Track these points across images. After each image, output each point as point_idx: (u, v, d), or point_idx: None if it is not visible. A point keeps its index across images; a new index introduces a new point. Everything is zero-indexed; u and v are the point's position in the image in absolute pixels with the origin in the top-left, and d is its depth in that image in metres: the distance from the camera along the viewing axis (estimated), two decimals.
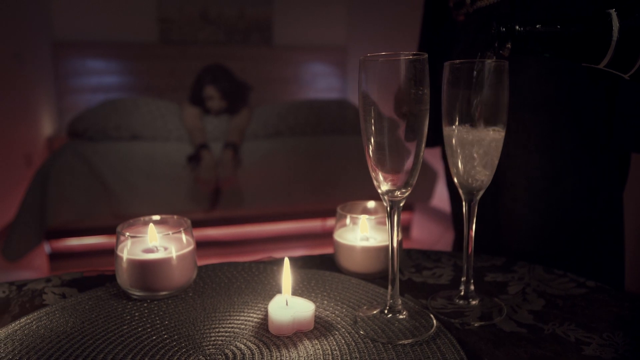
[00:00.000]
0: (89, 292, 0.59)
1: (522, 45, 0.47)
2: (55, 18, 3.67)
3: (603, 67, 0.48)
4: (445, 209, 2.80)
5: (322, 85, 4.38)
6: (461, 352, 0.45)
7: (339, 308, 0.55)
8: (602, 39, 0.46)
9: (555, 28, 0.46)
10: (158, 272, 0.56)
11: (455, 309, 0.54)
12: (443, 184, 2.90)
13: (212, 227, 2.51)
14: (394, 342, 0.47)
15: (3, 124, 2.80)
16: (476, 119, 0.49)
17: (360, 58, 0.46)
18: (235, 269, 0.66)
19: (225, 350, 0.46)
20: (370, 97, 0.46)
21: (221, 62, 2.91)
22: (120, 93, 3.80)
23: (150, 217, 0.61)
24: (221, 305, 0.55)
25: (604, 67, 0.48)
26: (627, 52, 0.46)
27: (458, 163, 0.51)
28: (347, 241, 0.64)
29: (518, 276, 0.64)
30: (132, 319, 0.53)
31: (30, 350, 0.46)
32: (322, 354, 0.45)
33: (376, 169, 0.47)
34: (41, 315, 0.53)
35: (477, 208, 0.85)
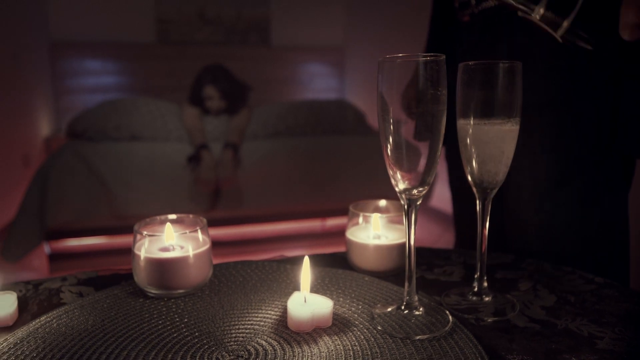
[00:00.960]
0: (105, 291, 0.60)
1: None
2: (53, 18, 3.65)
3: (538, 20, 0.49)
4: (444, 209, 2.81)
5: (320, 85, 4.39)
6: (478, 346, 0.46)
7: (355, 305, 0.56)
8: None
9: None
10: (175, 271, 0.57)
11: (469, 305, 0.55)
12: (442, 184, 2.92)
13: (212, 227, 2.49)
14: (411, 338, 0.48)
15: (1, 124, 2.79)
16: (491, 117, 0.50)
17: (379, 60, 0.47)
18: (249, 267, 0.67)
19: (247, 346, 0.47)
20: (388, 98, 0.47)
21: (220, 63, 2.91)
22: (118, 93, 3.79)
23: (166, 216, 0.62)
24: (239, 303, 0.56)
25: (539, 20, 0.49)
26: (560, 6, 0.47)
27: (473, 161, 0.52)
28: (360, 239, 0.65)
29: (527, 273, 0.65)
30: (152, 316, 0.53)
31: (54, 348, 0.47)
32: (342, 349, 0.46)
33: (394, 168, 0.48)
34: (60, 314, 0.54)
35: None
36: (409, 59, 0.46)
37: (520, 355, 0.45)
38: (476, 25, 0.88)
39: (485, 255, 0.56)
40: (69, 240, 2.30)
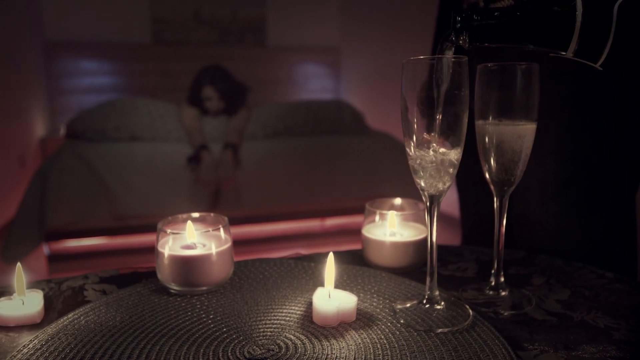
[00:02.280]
0: (128, 289, 0.60)
1: (480, 36, 0.45)
2: (47, 18, 3.63)
3: (572, 56, 0.45)
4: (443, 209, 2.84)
5: (315, 86, 4.40)
6: (500, 337, 0.48)
7: (376, 300, 0.57)
8: (566, 23, 0.43)
9: (515, 16, 0.44)
10: (199, 268, 0.58)
11: (487, 299, 0.57)
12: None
13: None
14: (434, 331, 0.49)
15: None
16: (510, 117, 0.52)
17: (403, 61, 0.49)
18: (268, 264, 0.68)
19: (277, 340, 0.48)
20: (410, 98, 0.48)
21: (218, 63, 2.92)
22: (113, 94, 3.77)
23: (189, 214, 0.63)
24: (262, 299, 0.57)
25: (574, 56, 0.45)
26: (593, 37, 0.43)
27: (491, 160, 0.54)
28: (377, 237, 0.66)
29: (540, 269, 0.67)
30: (178, 313, 0.54)
31: (86, 344, 0.48)
32: (369, 342, 0.47)
33: (418, 169, 0.50)
34: (87, 311, 0.55)
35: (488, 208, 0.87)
36: (432, 60, 0.47)
37: (541, 345, 0.47)
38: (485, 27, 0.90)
39: (502, 251, 0.57)
40: (69, 241, 2.29)
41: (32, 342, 0.48)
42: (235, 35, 4.17)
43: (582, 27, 0.43)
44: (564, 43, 0.44)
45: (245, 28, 4.19)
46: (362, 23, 4.11)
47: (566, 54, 0.44)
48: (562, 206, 0.76)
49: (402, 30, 3.53)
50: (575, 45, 0.44)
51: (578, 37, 0.43)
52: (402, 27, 3.53)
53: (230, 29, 4.16)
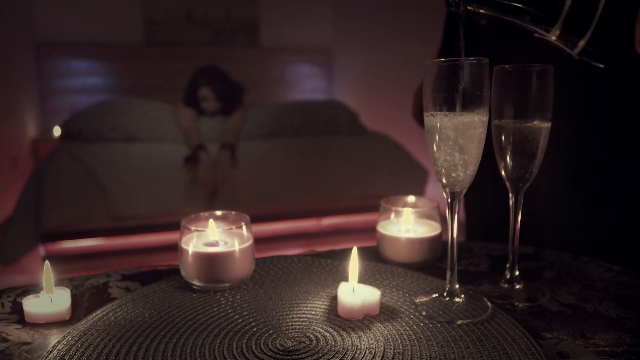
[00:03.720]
0: (152, 286, 0.62)
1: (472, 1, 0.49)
2: (39, 18, 3.60)
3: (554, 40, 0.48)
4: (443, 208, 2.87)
5: (308, 86, 4.42)
6: (521, 327, 0.50)
7: (396, 294, 0.59)
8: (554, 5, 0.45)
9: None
10: (222, 265, 0.59)
11: (502, 292, 0.59)
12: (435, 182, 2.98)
13: None
14: (456, 322, 0.51)
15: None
16: (526, 117, 0.54)
17: (425, 63, 0.51)
18: (286, 261, 0.69)
19: (306, 333, 0.49)
20: (434, 98, 0.50)
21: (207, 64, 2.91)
22: (105, 94, 3.75)
23: (212, 212, 0.64)
24: (285, 295, 0.59)
25: (556, 40, 0.48)
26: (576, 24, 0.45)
27: (507, 158, 0.56)
28: (393, 233, 0.68)
29: (549, 263, 0.69)
30: (204, 308, 0.55)
31: (120, 339, 0.49)
32: (396, 334, 0.49)
33: (441, 165, 0.52)
34: (115, 307, 0.56)
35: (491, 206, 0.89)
36: (453, 62, 0.49)
37: (559, 335, 0.49)
38: (493, 29, 0.93)
39: (518, 246, 0.59)
40: (65, 242, 2.28)
41: (65, 339, 0.49)
42: (228, 36, 4.18)
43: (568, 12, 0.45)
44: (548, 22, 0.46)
45: (239, 28, 4.19)
46: (355, 24, 4.14)
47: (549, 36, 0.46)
48: (570, 204, 0.79)
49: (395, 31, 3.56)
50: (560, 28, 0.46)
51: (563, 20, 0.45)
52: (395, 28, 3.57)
53: (223, 29, 4.16)
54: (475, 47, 0.97)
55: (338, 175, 2.58)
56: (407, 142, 2.91)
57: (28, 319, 0.53)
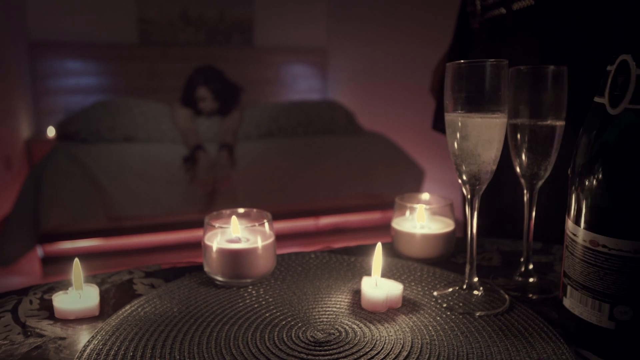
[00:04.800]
0: (175, 282, 0.63)
1: None
2: (31, 18, 3.58)
3: None
4: None
5: (303, 86, 4.43)
6: (540, 318, 0.52)
7: (414, 288, 0.61)
8: None
9: None
10: (246, 261, 0.61)
11: (517, 285, 0.61)
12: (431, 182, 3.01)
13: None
14: (476, 313, 0.53)
15: None
16: (540, 116, 0.56)
17: (447, 64, 0.53)
18: (304, 258, 0.71)
19: (335, 326, 0.51)
20: (454, 98, 0.52)
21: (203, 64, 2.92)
22: (99, 94, 3.74)
23: (234, 209, 0.65)
24: (308, 290, 0.60)
25: None
26: None
27: (523, 156, 0.58)
28: (407, 229, 0.70)
29: (558, 257, 0.71)
30: (230, 303, 0.57)
31: (153, 332, 0.50)
32: (421, 325, 0.51)
33: (461, 162, 0.54)
34: (142, 303, 0.57)
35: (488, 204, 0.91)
36: (474, 63, 0.51)
37: None
38: (483, 32, 0.97)
39: (532, 241, 0.62)
40: (63, 243, 2.27)
41: (99, 333, 0.50)
42: (223, 36, 4.18)
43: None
44: None
45: (233, 28, 4.20)
46: (349, 24, 4.16)
47: None
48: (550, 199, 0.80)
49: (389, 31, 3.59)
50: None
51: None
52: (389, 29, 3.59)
53: (217, 29, 4.16)
54: (468, 48, 1.02)
55: (335, 174, 2.60)
56: (402, 141, 2.94)
57: (58, 314, 0.54)
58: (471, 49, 1.03)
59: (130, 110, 2.57)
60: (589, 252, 0.43)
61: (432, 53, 1.25)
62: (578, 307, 0.45)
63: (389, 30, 3.60)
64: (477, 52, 0.99)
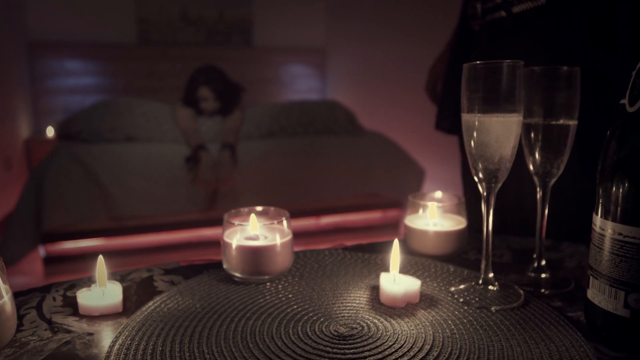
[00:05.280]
0: (195, 279, 0.64)
1: None
2: (31, 18, 3.57)
3: None
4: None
5: (302, 86, 4.45)
6: (555, 312, 0.53)
7: (430, 283, 0.62)
8: None
9: None
10: (265, 257, 0.62)
11: (530, 281, 0.62)
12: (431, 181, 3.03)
13: (209, 228, 2.52)
14: (493, 308, 0.55)
15: None
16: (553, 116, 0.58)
17: (464, 65, 0.54)
18: (319, 255, 0.72)
19: (357, 320, 0.52)
20: (472, 98, 0.54)
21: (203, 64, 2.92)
22: (98, 94, 3.73)
23: (253, 207, 0.66)
24: (326, 286, 0.62)
25: None
26: None
27: (536, 154, 0.60)
28: (420, 227, 0.72)
29: (568, 254, 0.73)
30: (251, 298, 0.58)
31: (179, 327, 0.51)
32: (440, 320, 0.52)
33: (477, 160, 0.55)
34: (165, 299, 0.58)
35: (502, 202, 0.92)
36: (491, 64, 0.53)
37: None
38: (484, 34, 0.99)
39: (544, 237, 0.63)
40: (65, 243, 2.28)
41: (126, 329, 0.51)
42: (222, 36, 4.18)
43: None
44: None
45: (232, 28, 4.20)
46: (348, 24, 4.18)
47: None
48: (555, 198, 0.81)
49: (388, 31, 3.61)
50: None
51: None
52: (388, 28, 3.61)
53: (217, 29, 4.16)
54: (469, 49, 1.04)
55: (336, 174, 2.61)
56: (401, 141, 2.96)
57: (82, 311, 0.55)
58: (471, 50, 1.04)
59: (131, 110, 2.57)
60: (603, 239, 0.45)
61: (432, 53, 1.27)
62: (597, 296, 0.47)
63: (388, 30, 3.62)
64: (477, 54, 1.01)
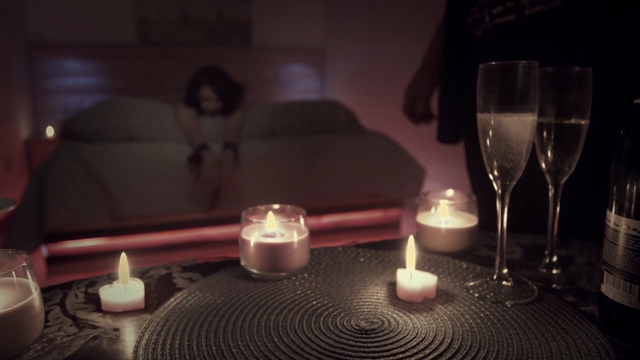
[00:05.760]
0: (213, 276, 0.65)
1: None
2: (30, 18, 3.56)
3: None
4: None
5: (301, 86, 4.46)
6: (569, 306, 0.55)
7: (444, 279, 0.63)
8: None
9: None
10: (283, 254, 0.63)
11: (542, 276, 0.64)
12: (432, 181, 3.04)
13: (211, 227, 2.53)
14: (509, 303, 0.56)
15: None
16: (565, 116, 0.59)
17: (480, 65, 0.55)
18: (333, 252, 0.73)
19: (377, 315, 0.53)
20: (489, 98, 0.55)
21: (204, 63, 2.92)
22: (97, 94, 3.73)
23: (270, 205, 0.67)
24: (343, 282, 0.63)
25: None
26: None
27: (548, 152, 0.61)
28: (432, 224, 0.73)
29: (577, 250, 0.74)
30: (270, 294, 0.59)
31: (203, 321, 0.52)
32: (458, 314, 0.54)
33: (493, 159, 0.56)
34: (186, 295, 0.59)
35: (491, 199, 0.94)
36: (507, 65, 0.54)
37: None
38: (489, 38, 1.00)
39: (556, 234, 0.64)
40: (67, 242, 2.28)
41: (151, 324, 0.52)
42: (222, 36, 4.19)
43: None
44: None
45: (232, 28, 4.21)
46: (347, 24, 4.19)
47: None
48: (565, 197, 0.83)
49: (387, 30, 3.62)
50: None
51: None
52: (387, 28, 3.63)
53: (216, 29, 4.17)
54: (471, 54, 1.04)
55: (337, 173, 2.63)
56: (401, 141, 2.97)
57: (105, 307, 0.56)
58: (472, 56, 1.05)
59: (133, 110, 2.58)
60: (618, 235, 0.46)
61: None
62: (612, 290, 0.48)
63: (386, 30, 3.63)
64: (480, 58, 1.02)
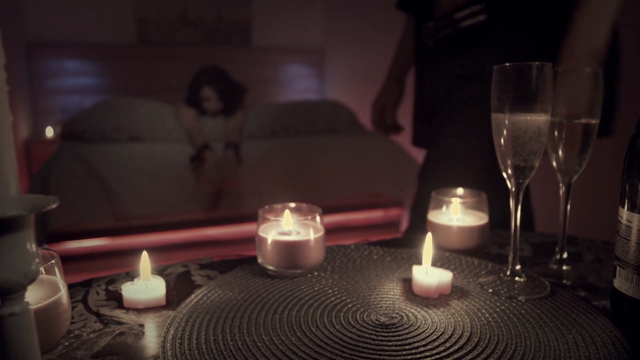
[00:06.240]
0: (231, 273, 0.66)
1: None
2: (29, 18, 3.56)
3: None
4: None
5: (301, 86, 4.46)
6: (582, 301, 0.56)
7: (458, 275, 0.65)
8: None
9: None
10: (300, 252, 0.64)
11: (553, 272, 0.65)
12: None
13: (213, 227, 2.54)
14: (523, 298, 0.57)
15: None
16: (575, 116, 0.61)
17: (494, 67, 0.57)
18: (346, 250, 0.75)
19: (395, 310, 0.55)
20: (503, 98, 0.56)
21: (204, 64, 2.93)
22: (97, 94, 3.73)
23: (286, 204, 0.69)
24: (359, 279, 0.64)
25: None
26: None
27: (559, 151, 0.63)
28: (444, 222, 0.74)
29: (585, 248, 0.76)
30: (288, 291, 0.60)
31: (226, 317, 0.53)
32: (474, 309, 0.55)
33: (507, 158, 0.58)
34: (205, 292, 0.60)
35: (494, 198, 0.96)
36: (521, 66, 0.55)
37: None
38: (436, 49, 1.12)
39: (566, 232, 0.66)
40: (70, 242, 2.28)
41: (175, 320, 0.53)
42: (221, 36, 4.19)
43: None
44: None
45: (231, 29, 4.21)
46: (346, 24, 4.20)
47: None
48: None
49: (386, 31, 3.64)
50: None
51: None
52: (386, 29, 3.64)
53: (215, 29, 4.17)
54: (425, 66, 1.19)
55: (338, 173, 2.64)
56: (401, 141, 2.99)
57: (127, 304, 0.57)
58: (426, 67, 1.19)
59: (135, 110, 2.58)
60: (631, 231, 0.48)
61: None
62: (624, 285, 0.50)
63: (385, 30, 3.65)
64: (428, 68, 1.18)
